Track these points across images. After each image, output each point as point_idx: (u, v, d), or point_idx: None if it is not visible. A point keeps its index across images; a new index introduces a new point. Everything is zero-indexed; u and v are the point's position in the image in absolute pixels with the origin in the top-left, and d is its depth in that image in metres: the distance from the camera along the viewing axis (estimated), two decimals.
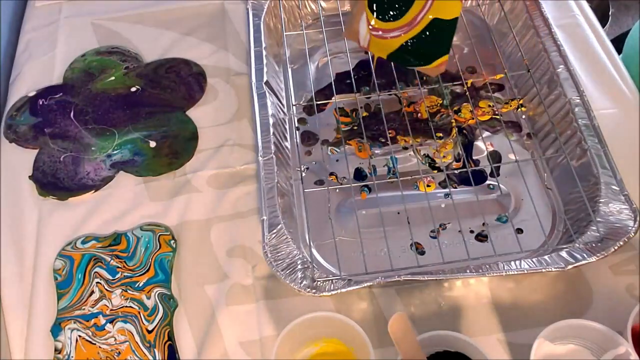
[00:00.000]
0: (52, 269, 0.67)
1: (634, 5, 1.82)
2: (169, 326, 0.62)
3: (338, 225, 0.68)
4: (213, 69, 0.83)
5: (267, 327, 0.62)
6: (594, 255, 0.59)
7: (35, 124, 0.79)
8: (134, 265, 0.66)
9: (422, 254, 0.66)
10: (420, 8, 0.61)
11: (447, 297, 0.63)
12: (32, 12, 0.93)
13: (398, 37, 0.62)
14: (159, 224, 0.70)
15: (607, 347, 0.54)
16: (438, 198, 0.70)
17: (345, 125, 0.76)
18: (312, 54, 0.84)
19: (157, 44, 0.87)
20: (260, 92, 0.74)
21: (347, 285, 0.59)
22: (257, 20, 0.82)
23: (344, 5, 0.87)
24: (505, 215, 0.68)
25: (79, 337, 0.62)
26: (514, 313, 0.62)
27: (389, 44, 0.64)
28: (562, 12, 0.84)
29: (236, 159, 0.74)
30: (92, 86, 0.83)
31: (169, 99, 0.81)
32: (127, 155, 0.76)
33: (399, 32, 0.62)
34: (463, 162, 0.71)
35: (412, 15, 0.61)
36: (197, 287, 0.65)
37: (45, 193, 0.73)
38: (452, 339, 0.55)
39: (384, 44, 0.64)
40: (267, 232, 0.63)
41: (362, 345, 0.54)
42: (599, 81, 0.78)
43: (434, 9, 0.61)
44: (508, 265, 0.60)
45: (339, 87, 0.78)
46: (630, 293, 0.62)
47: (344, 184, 0.71)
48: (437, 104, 0.77)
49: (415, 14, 0.61)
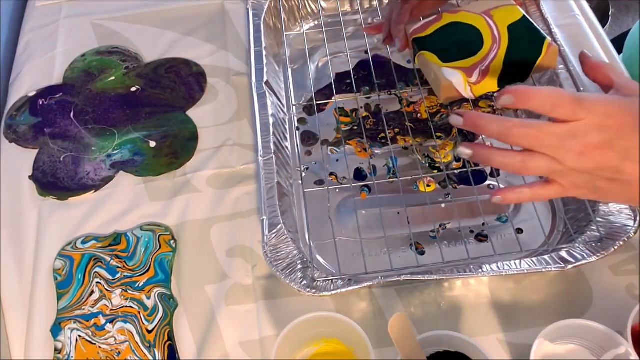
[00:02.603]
0: (52, 269, 0.67)
1: (634, 5, 1.82)
2: (169, 326, 0.62)
3: (338, 225, 0.68)
4: (213, 69, 0.83)
5: (267, 327, 0.62)
6: (594, 255, 0.59)
7: (35, 124, 0.79)
8: (134, 265, 0.66)
9: (422, 254, 0.66)
10: (488, 29, 0.62)
11: (447, 297, 0.63)
12: (32, 12, 0.93)
13: (495, 58, 0.61)
14: (159, 224, 0.70)
15: (607, 347, 0.54)
16: (438, 198, 0.70)
17: (345, 125, 0.76)
18: (312, 54, 0.84)
19: (157, 44, 0.87)
20: (260, 92, 0.74)
21: (347, 285, 0.59)
22: (257, 20, 0.82)
23: (344, 5, 0.87)
24: (505, 215, 0.68)
25: (79, 337, 0.62)
26: (514, 313, 0.61)
27: (491, 71, 0.61)
28: (562, 12, 0.84)
29: (236, 159, 0.74)
30: (92, 86, 0.83)
31: (169, 99, 0.81)
32: (127, 155, 0.76)
33: (493, 54, 0.61)
34: (463, 162, 0.71)
35: (488, 37, 0.62)
36: (197, 287, 0.65)
37: (45, 193, 0.73)
38: (452, 339, 0.55)
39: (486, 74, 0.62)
40: (267, 232, 0.63)
41: (362, 345, 0.54)
42: None
43: (499, 20, 0.62)
44: (508, 265, 0.60)
45: (339, 87, 0.78)
46: (630, 293, 0.62)
47: (344, 184, 0.71)
48: (437, 104, 0.77)
49: (489, 36, 0.62)
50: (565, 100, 0.44)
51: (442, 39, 0.63)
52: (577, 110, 0.44)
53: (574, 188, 0.47)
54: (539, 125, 0.45)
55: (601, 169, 0.44)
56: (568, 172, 0.45)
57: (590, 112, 0.44)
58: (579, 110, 0.44)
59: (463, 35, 0.63)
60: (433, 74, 0.62)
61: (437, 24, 0.64)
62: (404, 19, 0.66)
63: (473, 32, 0.63)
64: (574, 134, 0.44)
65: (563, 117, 0.44)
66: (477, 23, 0.63)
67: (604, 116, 0.44)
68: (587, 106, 0.44)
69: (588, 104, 0.44)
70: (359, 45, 0.82)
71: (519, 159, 0.46)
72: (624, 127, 0.43)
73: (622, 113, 0.44)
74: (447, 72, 0.60)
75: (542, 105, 0.45)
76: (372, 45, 0.83)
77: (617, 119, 0.44)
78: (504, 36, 0.61)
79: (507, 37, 0.61)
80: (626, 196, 0.46)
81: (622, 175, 0.44)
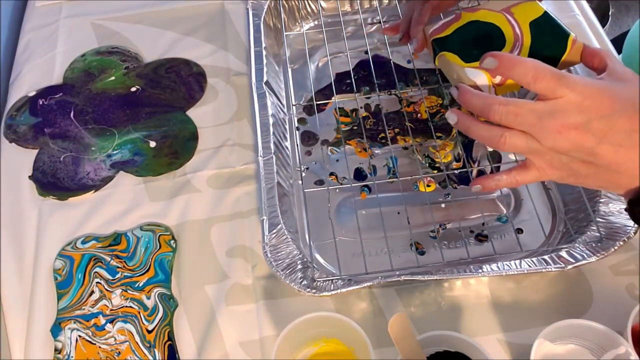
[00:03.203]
0: (52, 269, 0.67)
1: (634, 5, 1.82)
2: (169, 326, 0.62)
3: (338, 225, 0.68)
4: (213, 69, 0.83)
5: (267, 327, 0.62)
6: (594, 255, 0.59)
7: (35, 124, 0.79)
8: (134, 265, 0.66)
9: (422, 254, 0.66)
10: (509, 27, 0.60)
11: (447, 297, 0.63)
12: (32, 12, 0.93)
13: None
14: (159, 224, 0.70)
15: (607, 347, 0.54)
16: (438, 198, 0.70)
17: (345, 125, 0.76)
18: (312, 54, 0.84)
19: (157, 44, 0.87)
20: (260, 92, 0.74)
21: (347, 285, 0.59)
22: (257, 20, 0.82)
23: (344, 5, 0.87)
24: (506, 215, 0.68)
25: (79, 337, 0.62)
26: (514, 313, 0.61)
27: None
28: (562, 12, 0.84)
29: (236, 158, 0.74)
30: (92, 86, 0.83)
31: (169, 99, 0.81)
32: (127, 155, 0.76)
33: (516, 52, 0.59)
34: (463, 162, 0.71)
35: (510, 35, 0.60)
36: (197, 287, 0.65)
37: (45, 193, 0.73)
38: (452, 339, 0.55)
39: None
40: (267, 232, 0.62)
41: (362, 345, 0.53)
42: None
43: (520, 17, 0.61)
44: (508, 265, 0.60)
45: (339, 87, 0.78)
46: (630, 293, 0.62)
47: (344, 184, 0.71)
48: (437, 104, 0.77)
49: (510, 34, 0.60)
50: (547, 73, 0.44)
51: (463, 38, 0.62)
52: (557, 86, 0.44)
53: (551, 169, 0.47)
54: (521, 102, 0.45)
55: (577, 150, 0.45)
56: (545, 152, 0.46)
57: (571, 91, 0.44)
58: (559, 86, 0.44)
59: (484, 34, 0.62)
60: (455, 75, 0.61)
61: (457, 24, 0.63)
62: (423, 20, 0.65)
63: (494, 30, 0.61)
64: (552, 113, 0.44)
65: (543, 91, 0.45)
66: (497, 21, 0.62)
67: (583, 97, 0.44)
68: (568, 84, 0.44)
69: (569, 81, 0.44)
70: (359, 45, 0.82)
71: (497, 132, 0.46)
72: (601, 109, 0.44)
73: (601, 95, 0.44)
74: (471, 73, 0.58)
75: (525, 76, 0.45)
76: (372, 45, 0.83)
77: (594, 100, 0.44)
78: (527, 33, 0.60)
79: (529, 34, 0.60)
80: (602, 180, 0.47)
81: (596, 158, 0.45)
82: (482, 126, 0.48)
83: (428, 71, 0.80)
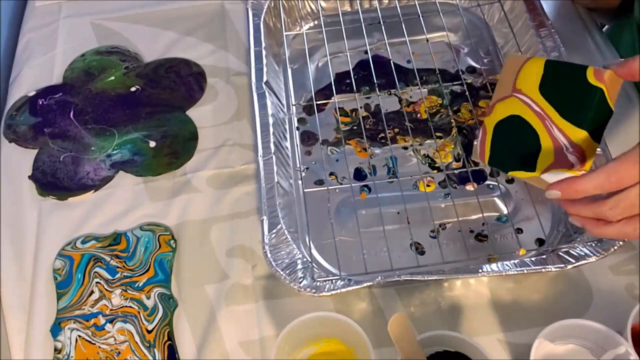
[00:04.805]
0: (51, 268, 0.67)
1: None
2: (169, 326, 0.62)
3: (338, 225, 0.68)
4: (213, 69, 0.83)
5: (267, 327, 0.62)
6: (594, 255, 0.59)
7: (35, 123, 0.79)
8: (134, 265, 0.66)
9: (422, 254, 0.66)
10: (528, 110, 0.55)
11: (447, 297, 0.63)
12: (32, 12, 0.93)
13: (563, 132, 0.53)
14: (159, 224, 0.69)
15: (607, 347, 0.54)
16: (438, 198, 0.70)
17: (345, 125, 0.76)
18: (312, 54, 0.84)
19: (157, 44, 0.87)
20: (260, 92, 0.74)
21: (347, 285, 0.59)
22: (257, 20, 0.82)
23: (344, 5, 0.87)
24: (505, 215, 0.68)
25: (79, 337, 0.62)
26: (514, 313, 0.61)
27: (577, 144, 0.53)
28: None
29: (236, 158, 0.74)
30: (92, 86, 0.83)
31: (168, 99, 0.81)
32: (127, 155, 0.75)
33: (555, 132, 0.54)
34: (463, 162, 0.71)
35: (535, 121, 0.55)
36: (197, 287, 0.65)
37: (45, 193, 0.73)
38: (452, 339, 0.55)
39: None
40: (267, 232, 0.62)
41: (362, 345, 0.53)
42: None
43: (527, 89, 0.56)
44: (508, 265, 0.60)
45: (338, 87, 0.78)
46: (630, 293, 0.62)
47: (344, 184, 0.71)
48: (437, 104, 0.77)
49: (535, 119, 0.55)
50: (616, 168, 0.46)
51: (502, 147, 0.57)
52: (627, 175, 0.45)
53: None
54: (625, 196, 0.46)
55: None
56: None
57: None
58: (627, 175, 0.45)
59: (514, 133, 0.56)
60: (537, 183, 0.56)
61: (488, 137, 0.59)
62: None
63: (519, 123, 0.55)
64: None
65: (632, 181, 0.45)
66: (516, 109, 0.55)
67: None
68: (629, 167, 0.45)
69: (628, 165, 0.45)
70: (359, 45, 0.82)
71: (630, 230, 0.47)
72: None
73: None
74: (549, 177, 0.52)
75: (600, 187, 0.46)
76: (372, 45, 0.83)
77: None
78: (545, 105, 0.53)
79: (546, 103, 0.53)
80: None
81: None
82: (611, 228, 0.48)
83: (428, 71, 0.80)
